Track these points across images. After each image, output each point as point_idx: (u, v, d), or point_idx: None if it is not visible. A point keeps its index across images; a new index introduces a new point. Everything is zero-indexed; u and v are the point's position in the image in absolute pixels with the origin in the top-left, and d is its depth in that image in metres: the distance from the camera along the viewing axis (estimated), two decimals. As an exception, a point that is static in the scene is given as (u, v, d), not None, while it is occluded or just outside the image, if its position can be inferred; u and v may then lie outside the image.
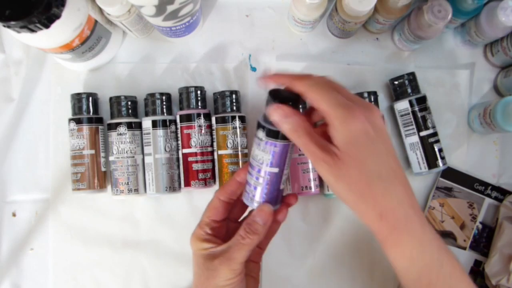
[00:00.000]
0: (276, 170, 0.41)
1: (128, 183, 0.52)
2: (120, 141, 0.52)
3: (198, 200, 0.56)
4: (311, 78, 0.38)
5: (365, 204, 0.37)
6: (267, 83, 0.39)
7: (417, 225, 0.37)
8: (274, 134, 0.40)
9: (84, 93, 0.54)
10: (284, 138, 0.40)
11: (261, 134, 0.41)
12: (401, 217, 0.37)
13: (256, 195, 0.41)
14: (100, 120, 0.54)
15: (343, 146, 0.36)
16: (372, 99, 0.54)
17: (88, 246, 0.55)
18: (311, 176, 0.52)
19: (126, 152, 0.52)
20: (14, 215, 0.56)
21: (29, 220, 0.56)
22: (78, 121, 0.53)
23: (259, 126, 0.41)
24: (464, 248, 0.56)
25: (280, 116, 0.38)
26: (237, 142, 0.52)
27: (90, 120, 0.53)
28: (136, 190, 0.52)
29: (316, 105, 0.37)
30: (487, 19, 0.52)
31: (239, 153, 0.52)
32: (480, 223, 0.56)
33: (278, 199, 0.43)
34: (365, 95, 0.53)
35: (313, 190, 0.52)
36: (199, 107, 0.53)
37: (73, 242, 0.55)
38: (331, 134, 0.37)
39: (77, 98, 0.53)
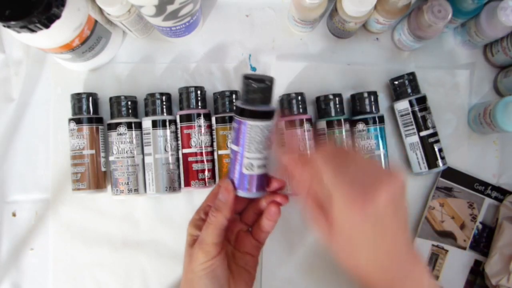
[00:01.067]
0: (235, 148, 0.41)
1: (128, 183, 0.52)
2: (120, 141, 0.52)
3: (198, 200, 0.55)
4: (318, 152, 0.37)
5: (353, 276, 0.37)
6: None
7: None
8: (236, 109, 0.40)
9: (84, 93, 0.54)
10: (243, 115, 0.40)
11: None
12: None
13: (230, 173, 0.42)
14: (100, 120, 0.54)
15: (339, 227, 0.36)
16: (372, 99, 0.54)
17: (88, 246, 0.55)
18: None
19: (126, 152, 0.52)
20: (14, 215, 0.56)
21: (29, 220, 0.56)
22: (78, 121, 0.53)
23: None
24: (464, 248, 0.56)
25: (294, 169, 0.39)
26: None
27: (90, 120, 0.53)
28: (136, 190, 0.52)
29: (323, 179, 0.36)
30: (487, 19, 0.52)
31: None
32: (480, 223, 0.56)
33: (244, 183, 0.41)
34: (365, 95, 0.53)
35: None
36: (199, 107, 0.53)
37: (73, 242, 0.55)
38: (332, 206, 0.36)
39: (77, 98, 0.53)
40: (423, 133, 0.53)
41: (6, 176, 0.56)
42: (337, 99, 0.53)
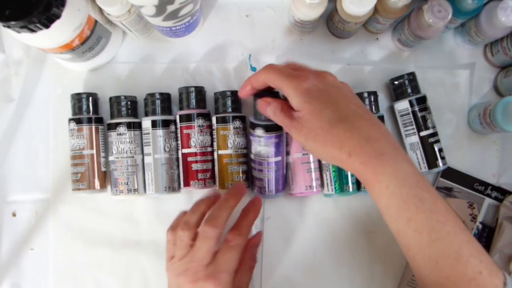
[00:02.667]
0: (279, 158, 0.50)
1: (127, 183, 0.52)
2: (120, 141, 0.52)
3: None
4: (264, 68, 0.44)
5: (333, 148, 0.39)
6: (245, 94, 0.47)
7: (391, 159, 0.38)
8: (271, 128, 0.49)
9: (84, 93, 0.54)
10: (279, 129, 0.49)
11: (260, 131, 0.49)
12: (371, 153, 0.38)
13: (270, 186, 0.51)
14: (100, 120, 0.54)
15: (299, 106, 0.41)
16: (372, 99, 0.54)
17: (88, 246, 0.55)
18: (313, 176, 0.52)
19: (126, 152, 0.52)
20: (14, 215, 0.56)
21: (29, 220, 0.56)
22: (78, 121, 0.53)
23: (255, 125, 0.50)
24: (464, 248, 0.56)
25: (264, 105, 0.45)
26: (238, 142, 0.52)
27: (90, 120, 0.53)
28: (136, 190, 0.52)
29: (273, 85, 0.43)
30: (487, 19, 0.52)
31: (240, 153, 0.52)
32: (480, 223, 0.56)
33: (284, 184, 0.53)
34: (365, 95, 0.53)
35: (315, 190, 0.52)
36: (199, 107, 0.53)
37: (73, 242, 0.55)
38: (290, 103, 0.42)
39: (77, 98, 0.53)
40: (423, 133, 0.53)
41: (6, 176, 0.56)
42: None
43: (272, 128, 0.49)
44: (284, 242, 0.56)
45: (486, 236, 0.56)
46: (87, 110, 0.53)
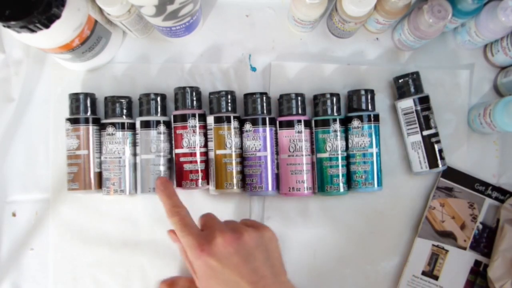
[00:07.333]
0: (268, 153, 0.52)
1: (118, 183, 0.52)
2: (111, 141, 0.52)
3: (198, 200, 0.56)
4: (174, 218, 0.45)
5: None
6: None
7: None
8: (258, 122, 0.52)
9: (81, 93, 0.53)
10: (265, 123, 0.52)
11: (248, 126, 0.52)
12: None
13: (260, 181, 0.52)
14: (96, 120, 0.54)
15: (197, 275, 0.43)
16: (369, 97, 0.54)
17: (88, 246, 0.55)
18: (299, 178, 0.52)
19: (117, 152, 0.52)
20: (14, 215, 0.56)
21: (29, 220, 0.56)
22: (74, 121, 0.53)
23: (244, 121, 0.52)
24: (464, 248, 0.56)
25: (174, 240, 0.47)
26: (235, 142, 0.52)
27: (86, 120, 0.53)
28: (123, 191, 0.52)
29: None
30: (487, 19, 0.52)
31: (237, 153, 0.52)
32: (481, 223, 0.56)
33: (275, 182, 0.53)
34: (362, 92, 0.54)
35: (300, 191, 0.52)
36: (194, 107, 0.53)
37: (73, 242, 0.55)
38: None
39: (74, 98, 0.53)
40: (425, 133, 0.53)
41: (6, 176, 0.56)
42: (334, 98, 0.53)
43: (259, 121, 0.52)
44: (284, 242, 0.56)
45: (486, 237, 0.56)
46: (84, 110, 0.53)
